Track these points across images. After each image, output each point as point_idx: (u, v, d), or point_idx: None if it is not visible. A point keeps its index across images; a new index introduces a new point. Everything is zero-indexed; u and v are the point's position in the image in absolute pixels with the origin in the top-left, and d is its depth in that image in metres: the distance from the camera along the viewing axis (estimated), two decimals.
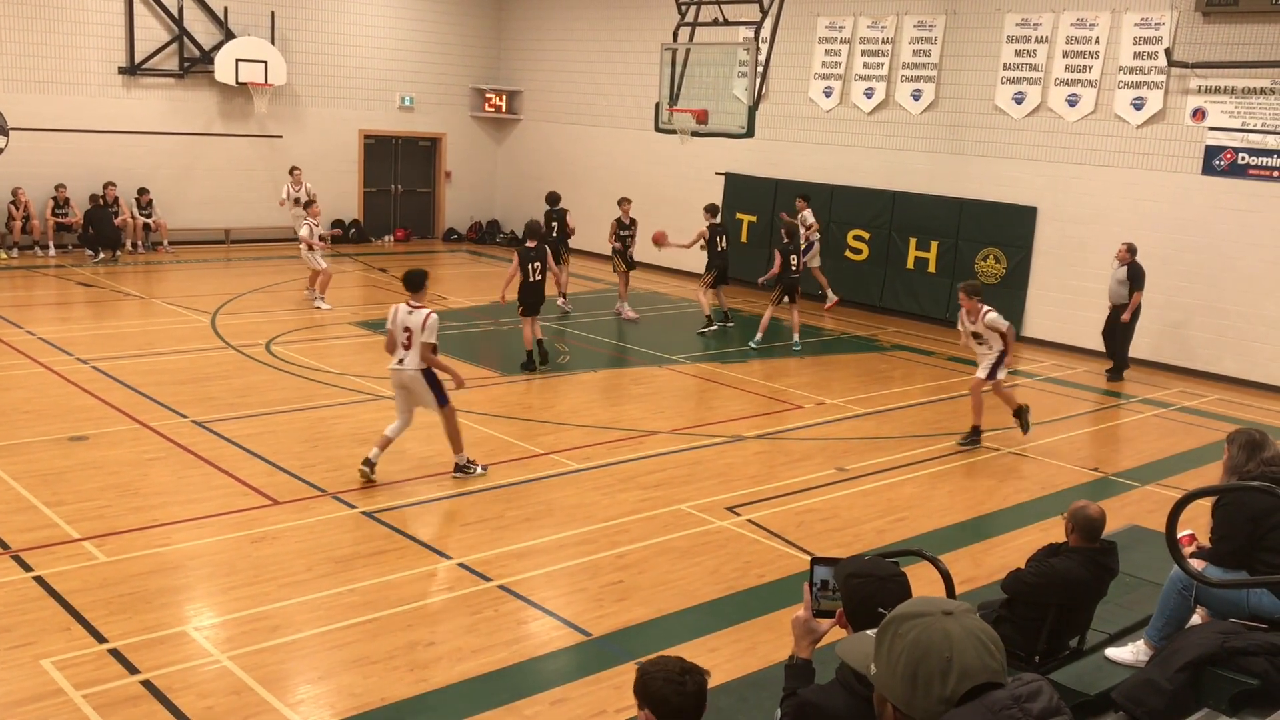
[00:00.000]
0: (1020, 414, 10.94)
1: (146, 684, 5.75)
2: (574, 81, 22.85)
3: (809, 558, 4.33)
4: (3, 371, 11.62)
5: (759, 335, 14.85)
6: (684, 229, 20.81)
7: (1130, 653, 5.45)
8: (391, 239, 23.76)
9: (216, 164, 21.13)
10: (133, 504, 8.23)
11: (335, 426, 10.37)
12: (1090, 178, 15.66)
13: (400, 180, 24.02)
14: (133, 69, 19.84)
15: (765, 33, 15.38)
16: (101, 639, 6.19)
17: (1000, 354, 10.60)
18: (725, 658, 6.32)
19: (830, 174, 18.58)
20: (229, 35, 20.53)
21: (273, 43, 20.91)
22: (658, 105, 16.56)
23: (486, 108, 24.18)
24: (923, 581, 6.76)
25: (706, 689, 3.29)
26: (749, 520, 8.60)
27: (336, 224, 22.53)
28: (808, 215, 16.93)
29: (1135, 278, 13.81)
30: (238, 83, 20.45)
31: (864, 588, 3.14)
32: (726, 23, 16.12)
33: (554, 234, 16.44)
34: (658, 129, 16.82)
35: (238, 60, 20.36)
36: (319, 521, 8.12)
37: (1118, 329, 14.10)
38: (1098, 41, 15.47)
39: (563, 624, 6.74)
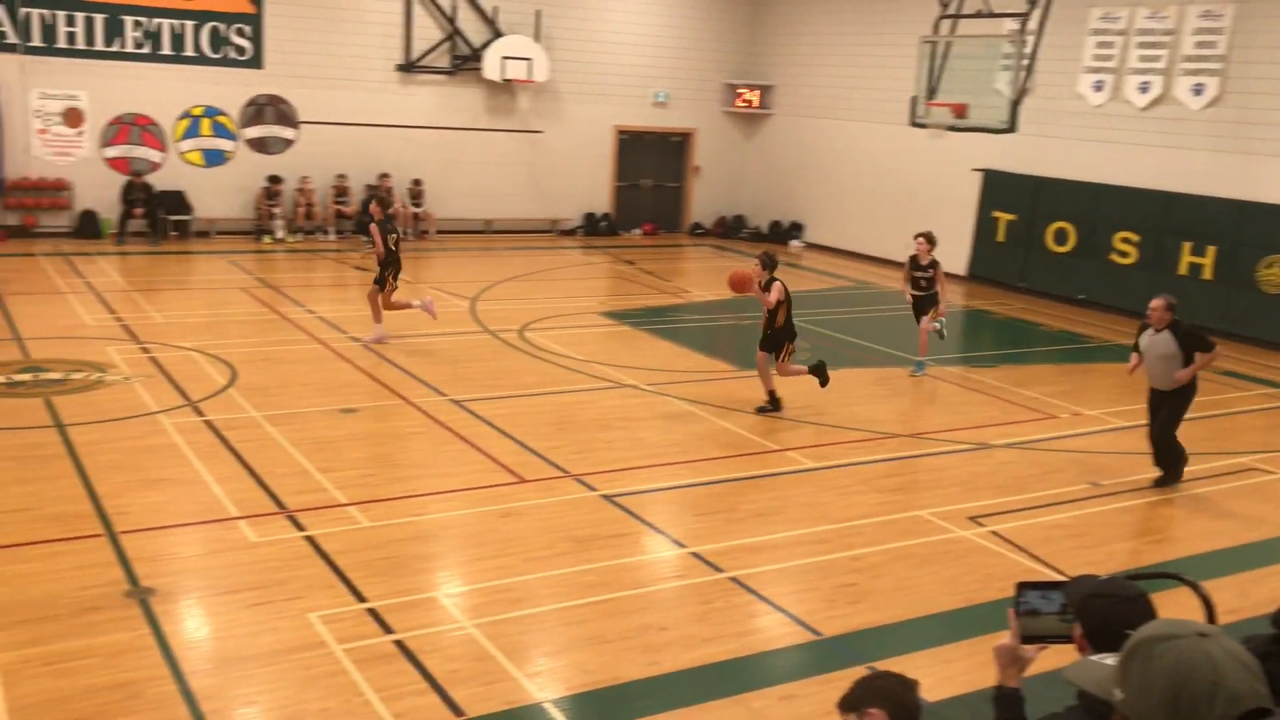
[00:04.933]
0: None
1: (399, 644, 6.13)
2: (828, 75, 22.62)
3: (1064, 577, 4.13)
4: (286, 346, 12.64)
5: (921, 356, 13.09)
6: (937, 227, 20.28)
7: None
8: (639, 232, 24.26)
9: (480, 158, 22.18)
10: (394, 474, 8.78)
11: (581, 411, 10.70)
12: None
13: (650, 175, 24.48)
14: (409, 66, 21.11)
15: (1032, 25, 14.74)
16: (361, 598, 6.64)
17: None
18: (960, 670, 6.14)
19: (1097, 172, 17.61)
20: (497, 34, 21.50)
21: (537, 40, 21.74)
22: (914, 99, 16.18)
23: (738, 103, 24.28)
24: (1180, 609, 6.35)
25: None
26: (992, 532, 8.30)
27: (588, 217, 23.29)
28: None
29: (1189, 341, 9.05)
30: (503, 80, 21.39)
31: (1110, 609, 2.97)
32: (991, 15, 15.54)
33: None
34: (913, 124, 16.44)
35: (504, 58, 21.30)
36: (561, 501, 8.42)
37: (1164, 417, 9.36)
38: None
39: (793, 621, 6.72)
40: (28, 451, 8.74)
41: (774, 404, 11.06)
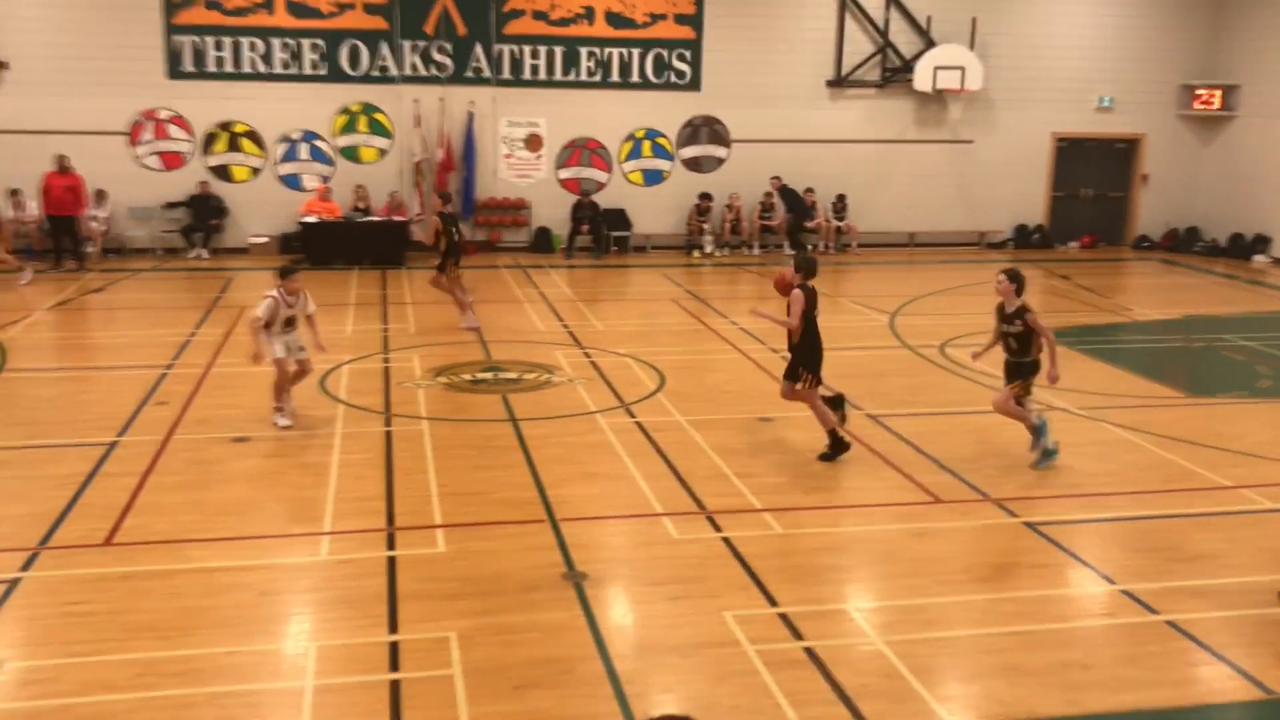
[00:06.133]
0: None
1: (808, 651, 6.22)
2: None
3: None
4: (709, 355, 13.20)
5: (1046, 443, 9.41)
6: None
7: None
8: (1076, 245, 22.90)
9: (907, 170, 21.94)
10: (808, 484, 8.91)
11: (1004, 432, 10.27)
12: None
13: (1091, 184, 23.02)
14: (839, 81, 21.31)
15: None
16: (773, 602, 6.80)
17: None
18: None
19: None
20: (929, 44, 21.17)
21: (972, 49, 21.15)
22: None
23: (1195, 105, 22.24)
24: None
25: None
26: None
27: (1019, 229, 22.38)
28: None
29: None
30: (934, 90, 21.02)
31: None
32: None
33: None
34: None
35: (936, 68, 20.92)
36: (980, 526, 8.14)
37: None
38: None
39: (1239, 675, 6.06)
40: (487, 442, 9.79)
41: (836, 446, 9.34)
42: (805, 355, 9.36)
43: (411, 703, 5.62)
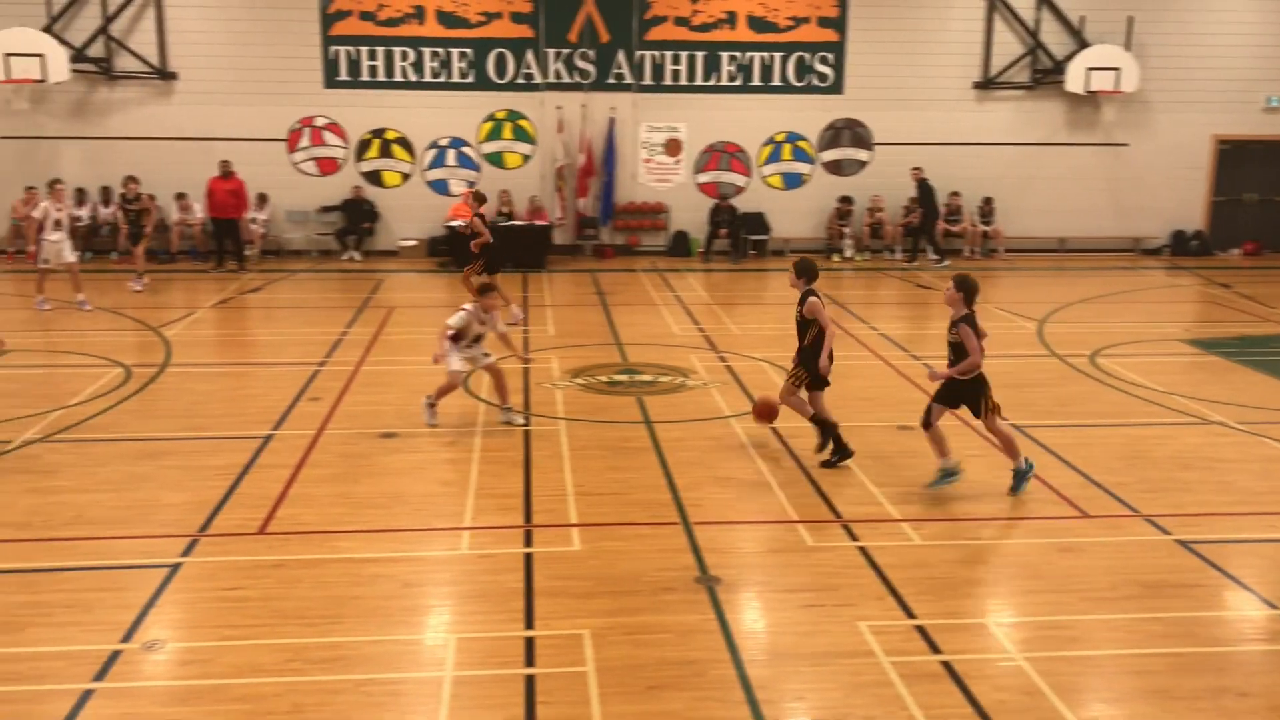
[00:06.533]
0: None
1: (945, 665, 6.08)
2: None
3: None
4: (847, 361, 13.01)
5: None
6: None
7: None
8: (1239, 252, 21.84)
9: (1057, 173, 21.28)
10: (947, 494, 8.70)
11: (1156, 447, 9.88)
12: None
13: (1256, 188, 21.92)
14: (986, 83, 20.80)
15: None
16: (910, 614, 6.68)
17: None
18: None
19: None
20: (1083, 44, 20.49)
21: (1128, 49, 20.40)
22: None
23: None
24: None
25: None
26: None
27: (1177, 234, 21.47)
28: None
29: None
30: (1087, 91, 20.34)
31: None
32: None
33: None
34: None
35: (1089, 69, 20.24)
36: (1129, 542, 7.84)
37: None
38: None
39: None
40: (622, 443, 9.88)
41: (839, 451, 9.25)
42: (809, 358, 9.35)
43: (546, 698, 5.72)
